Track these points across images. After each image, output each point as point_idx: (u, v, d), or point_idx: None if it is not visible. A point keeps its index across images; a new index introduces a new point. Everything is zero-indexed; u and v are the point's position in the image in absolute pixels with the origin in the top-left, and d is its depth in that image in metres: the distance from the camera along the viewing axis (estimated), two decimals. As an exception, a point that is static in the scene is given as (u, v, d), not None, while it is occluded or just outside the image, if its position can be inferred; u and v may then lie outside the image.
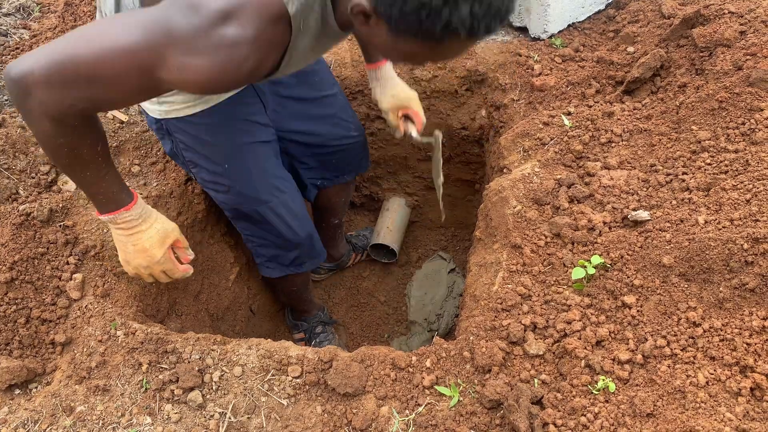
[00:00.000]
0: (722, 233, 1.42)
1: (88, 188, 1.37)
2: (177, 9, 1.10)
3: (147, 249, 1.49)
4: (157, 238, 1.50)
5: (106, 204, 1.40)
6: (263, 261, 2.09)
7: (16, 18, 2.55)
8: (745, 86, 1.71)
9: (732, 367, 1.27)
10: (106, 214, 1.42)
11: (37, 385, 1.54)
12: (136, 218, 1.45)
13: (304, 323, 2.60)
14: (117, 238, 1.49)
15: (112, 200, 1.40)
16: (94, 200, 1.40)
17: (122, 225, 1.45)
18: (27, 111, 1.16)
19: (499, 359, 1.41)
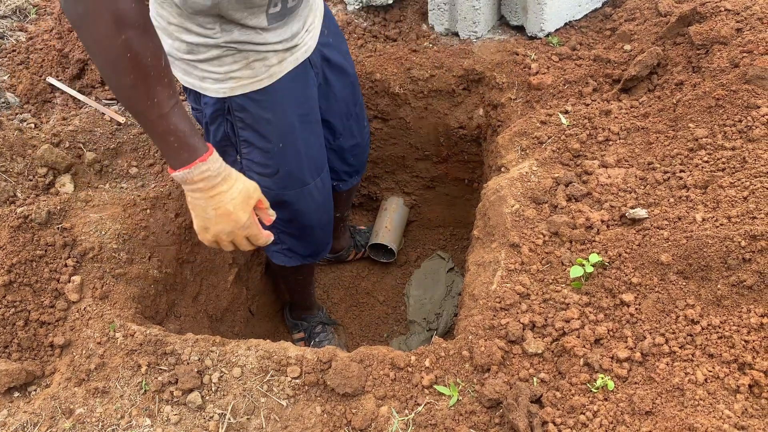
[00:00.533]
0: (720, 231, 1.42)
1: (156, 123, 1.22)
2: None
3: (231, 212, 1.34)
4: (240, 199, 1.36)
5: (178, 151, 1.25)
6: (282, 249, 2.06)
7: (12, 20, 2.55)
8: (741, 83, 1.71)
9: (730, 364, 1.27)
10: (181, 168, 1.27)
11: (36, 388, 1.54)
12: (215, 175, 1.30)
13: (304, 323, 2.60)
14: (194, 202, 1.34)
15: (185, 146, 1.25)
16: (165, 145, 1.25)
17: (200, 184, 1.30)
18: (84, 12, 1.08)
19: (498, 358, 1.41)
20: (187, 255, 2.03)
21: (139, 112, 1.22)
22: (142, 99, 1.19)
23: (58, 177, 1.92)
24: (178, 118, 1.24)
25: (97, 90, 2.19)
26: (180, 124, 1.24)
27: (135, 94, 1.18)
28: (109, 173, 1.99)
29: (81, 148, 1.98)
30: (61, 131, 1.99)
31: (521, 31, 2.44)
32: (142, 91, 1.18)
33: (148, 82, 1.17)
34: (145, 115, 1.22)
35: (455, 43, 2.47)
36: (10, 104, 2.15)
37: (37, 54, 2.32)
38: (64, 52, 2.23)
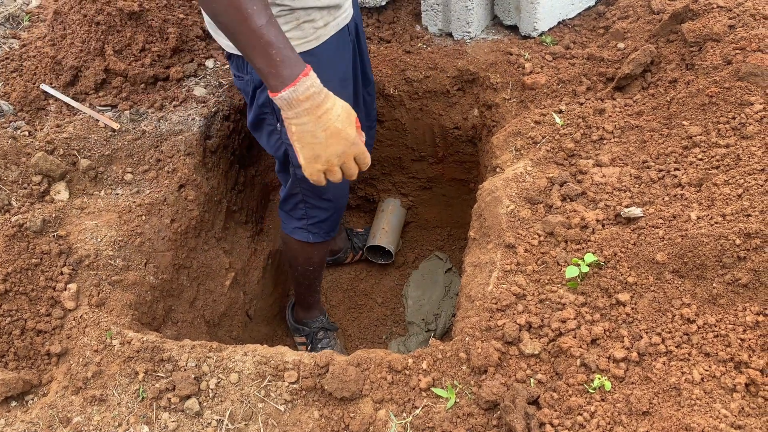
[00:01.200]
0: (714, 229, 1.42)
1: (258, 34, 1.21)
2: None
3: (341, 130, 1.30)
4: (345, 115, 1.32)
5: (280, 67, 1.22)
6: (306, 224, 2.07)
7: (6, 28, 2.54)
8: (734, 80, 1.71)
9: (727, 363, 1.27)
10: (286, 87, 1.23)
11: (33, 397, 1.54)
12: (319, 91, 1.26)
13: (306, 327, 2.59)
14: (302, 128, 1.29)
15: (287, 60, 1.23)
16: (267, 60, 1.22)
17: (306, 104, 1.25)
18: None
19: (495, 360, 1.41)
20: (183, 260, 2.03)
21: (239, 22, 1.20)
22: (240, 9, 1.18)
23: (52, 184, 1.91)
24: (276, 30, 1.23)
25: (90, 96, 2.19)
26: (279, 36, 1.23)
27: (232, 8, 1.18)
28: (104, 180, 1.99)
29: (75, 155, 1.98)
30: (56, 138, 1.99)
31: (515, 30, 2.44)
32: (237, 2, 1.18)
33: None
34: (246, 25, 1.20)
35: (449, 43, 2.47)
36: (4, 112, 2.15)
37: (31, 61, 2.31)
38: (57, 59, 2.23)
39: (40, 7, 2.72)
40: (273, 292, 2.73)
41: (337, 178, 1.38)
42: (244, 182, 2.51)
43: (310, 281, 2.41)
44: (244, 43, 1.23)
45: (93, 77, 2.19)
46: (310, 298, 2.54)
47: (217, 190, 2.25)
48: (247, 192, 2.54)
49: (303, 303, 2.57)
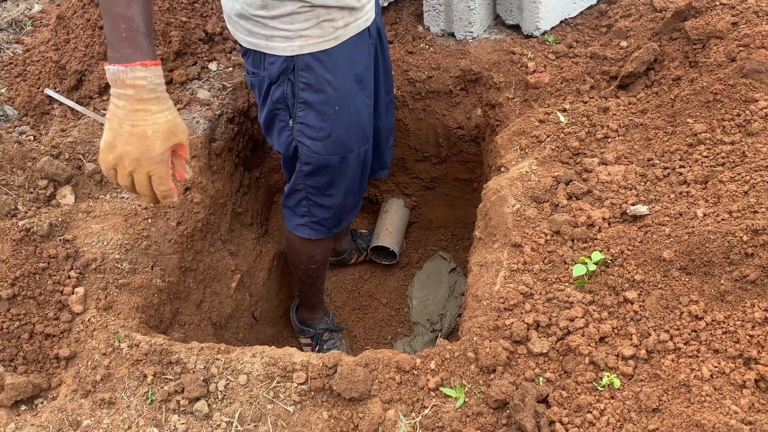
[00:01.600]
0: (721, 226, 1.42)
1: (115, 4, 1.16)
2: None
3: (147, 137, 1.22)
4: (163, 129, 1.24)
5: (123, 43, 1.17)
6: (309, 221, 2.07)
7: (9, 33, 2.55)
8: (739, 77, 1.71)
9: (736, 359, 1.27)
10: (118, 63, 1.18)
11: (42, 401, 1.54)
12: (150, 88, 1.21)
13: (310, 329, 2.59)
14: (114, 111, 1.22)
15: (132, 40, 1.17)
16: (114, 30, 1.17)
17: (129, 91, 1.19)
18: None
19: (504, 359, 1.41)
20: (190, 263, 2.03)
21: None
22: None
23: (58, 189, 1.92)
24: (138, 8, 1.18)
25: (95, 100, 2.19)
26: (138, 15, 1.18)
27: None
28: (109, 183, 1.99)
29: (81, 159, 1.99)
30: (61, 143, 1.99)
31: (517, 30, 2.45)
32: None
33: None
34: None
35: (451, 43, 2.48)
36: (9, 117, 2.15)
37: (35, 66, 2.32)
38: (61, 63, 2.23)
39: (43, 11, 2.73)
40: (279, 293, 2.74)
41: (123, 183, 1.27)
42: (248, 184, 2.52)
43: (314, 280, 2.41)
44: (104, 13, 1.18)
45: (97, 81, 2.20)
46: (313, 299, 2.53)
47: (222, 193, 2.26)
48: (252, 194, 2.55)
49: (307, 303, 2.57)
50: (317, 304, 2.56)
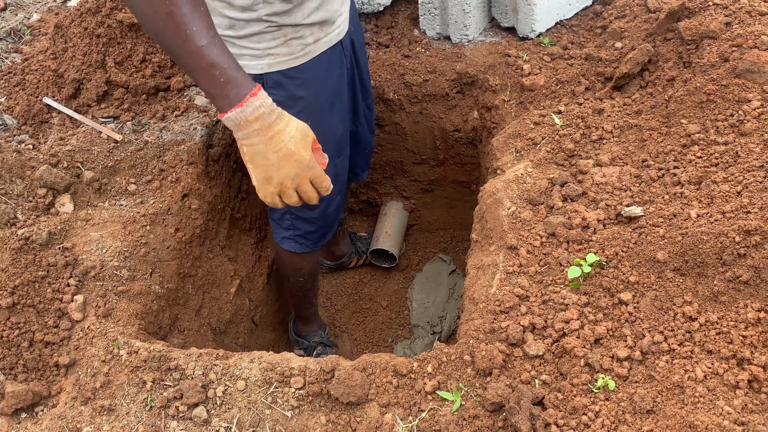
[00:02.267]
0: (714, 226, 1.43)
1: (197, 55, 1.16)
2: None
3: (294, 152, 1.25)
4: (299, 137, 1.27)
5: (225, 87, 1.18)
6: (294, 235, 2.07)
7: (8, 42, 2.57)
8: (732, 78, 1.72)
9: (729, 360, 1.28)
10: (232, 108, 1.19)
11: (43, 408, 1.55)
12: (269, 111, 1.22)
13: (305, 341, 2.60)
14: (253, 149, 1.24)
15: (232, 80, 1.18)
16: (210, 81, 1.18)
17: (256, 125, 1.21)
18: None
19: (500, 361, 1.42)
20: (189, 269, 2.04)
21: (178, 45, 1.16)
22: (180, 29, 1.14)
23: (57, 197, 1.93)
24: (219, 50, 1.18)
25: (93, 108, 2.21)
26: (223, 56, 1.19)
27: (172, 25, 1.13)
28: (107, 191, 2.00)
29: (79, 168, 2.00)
30: (59, 151, 2.01)
31: (512, 32, 2.45)
32: (178, 19, 1.13)
33: (183, 10, 1.13)
34: (184, 47, 1.16)
35: (447, 47, 2.49)
36: (8, 126, 2.17)
37: (33, 75, 2.33)
38: (59, 72, 2.25)
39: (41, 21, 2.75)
40: (278, 298, 2.75)
41: (292, 201, 1.33)
42: (247, 190, 2.53)
43: (304, 293, 2.41)
44: (186, 65, 1.20)
45: (95, 89, 2.21)
46: (305, 311, 2.54)
47: (220, 199, 2.27)
48: (250, 199, 2.56)
49: (300, 316, 2.58)
50: (310, 316, 2.56)
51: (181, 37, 1.15)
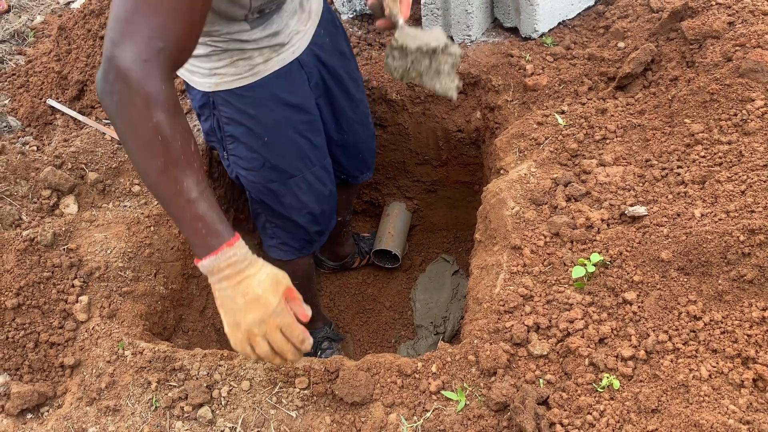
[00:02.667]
0: (719, 226, 1.43)
1: (185, 208, 1.20)
2: None
3: (260, 296, 1.25)
4: (269, 282, 1.28)
5: (206, 238, 1.21)
6: (277, 243, 2.08)
7: (11, 44, 2.58)
8: (735, 77, 1.72)
9: (734, 359, 1.28)
10: (208, 255, 1.22)
11: (48, 409, 1.56)
12: (242, 259, 1.25)
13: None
14: (222, 293, 1.26)
15: (213, 232, 1.22)
16: (192, 231, 1.22)
17: (227, 271, 1.24)
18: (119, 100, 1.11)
19: (504, 361, 1.42)
20: (193, 270, 2.05)
21: (168, 197, 1.20)
22: (171, 183, 1.18)
23: (62, 198, 1.94)
24: (206, 204, 1.21)
25: (96, 110, 2.21)
26: (209, 210, 1.22)
27: (164, 179, 1.17)
28: (112, 192, 2.01)
29: (83, 169, 2.01)
30: (63, 153, 2.01)
31: (515, 32, 2.45)
32: (171, 175, 1.17)
33: (177, 166, 1.17)
34: (174, 200, 1.20)
35: (450, 47, 2.48)
36: (12, 128, 2.18)
37: (37, 77, 2.34)
38: (63, 73, 2.26)
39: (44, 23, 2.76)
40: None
41: (263, 351, 1.29)
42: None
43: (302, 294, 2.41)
44: (174, 214, 1.23)
45: (99, 91, 2.21)
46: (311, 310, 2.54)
47: (224, 199, 2.27)
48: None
49: None
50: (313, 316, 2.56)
51: (173, 190, 1.18)
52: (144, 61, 1.10)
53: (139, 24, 1.11)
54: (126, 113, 1.12)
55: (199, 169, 1.22)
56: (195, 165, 1.20)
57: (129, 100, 1.11)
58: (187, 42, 1.23)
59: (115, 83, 1.10)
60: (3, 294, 1.64)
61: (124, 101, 1.11)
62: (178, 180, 1.17)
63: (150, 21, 1.11)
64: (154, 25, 1.12)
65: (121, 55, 1.10)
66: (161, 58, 1.13)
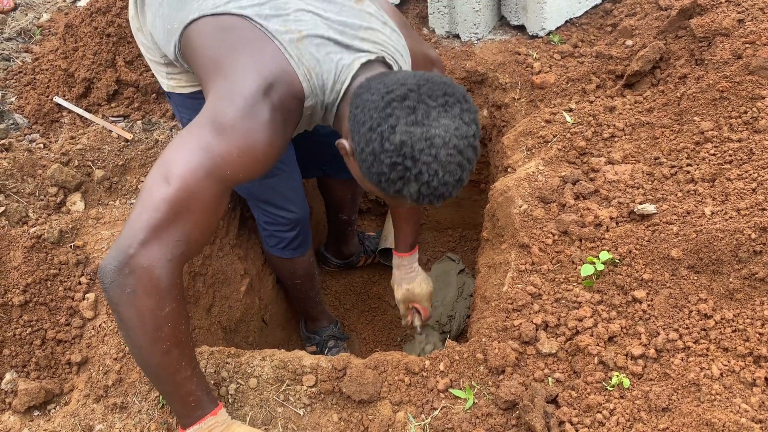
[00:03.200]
0: (729, 224, 1.42)
1: (181, 384, 1.30)
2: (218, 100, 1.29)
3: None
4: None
5: (194, 410, 1.32)
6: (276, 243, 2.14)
7: (18, 42, 2.58)
8: (745, 75, 1.71)
9: (746, 357, 1.27)
10: (192, 425, 1.32)
11: (55, 406, 1.55)
12: (221, 423, 1.35)
13: (316, 336, 2.60)
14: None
15: (200, 404, 1.33)
16: (183, 404, 1.32)
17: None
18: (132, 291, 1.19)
19: (512, 359, 1.41)
20: (199, 268, 2.04)
21: (167, 375, 1.28)
22: (172, 363, 1.27)
23: (68, 195, 1.94)
24: (198, 380, 1.32)
25: (103, 108, 2.21)
26: (199, 385, 1.33)
27: (167, 360, 1.26)
28: (118, 190, 2.01)
29: (90, 166, 2.00)
30: (70, 150, 2.01)
31: (522, 30, 2.45)
32: (173, 355, 1.26)
33: (179, 347, 1.26)
34: (172, 378, 1.29)
35: (456, 45, 2.48)
36: (19, 125, 2.18)
37: (43, 74, 2.34)
38: (69, 71, 2.25)
39: (51, 20, 2.76)
40: (287, 296, 2.74)
41: None
42: (256, 188, 2.53)
43: (304, 294, 2.43)
44: (168, 390, 1.32)
45: (105, 88, 2.21)
46: (311, 310, 2.56)
47: (231, 198, 2.27)
48: (259, 198, 2.56)
49: (308, 315, 2.60)
50: (318, 315, 2.57)
51: (173, 368, 1.28)
52: (168, 260, 1.21)
53: (171, 231, 1.22)
54: (138, 303, 1.20)
55: (193, 347, 1.33)
56: (191, 344, 1.31)
57: (145, 292, 1.20)
58: (204, 242, 1.34)
59: (130, 276, 1.19)
60: (10, 291, 1.64)
61: (140, 293, 1.19)
62: (179, 360, 1.27)
63: (181, 229, 1.23)
64: (183, 232, 1.23)
65: (146, 253, 1.19)
66: (182, 258, 1.25)
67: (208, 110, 1.30)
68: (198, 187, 1.23)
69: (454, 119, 1.17)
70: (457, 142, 1.17)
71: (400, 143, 1.15)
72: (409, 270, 2.16)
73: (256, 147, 1.28)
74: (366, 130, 1.20)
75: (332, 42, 1.38)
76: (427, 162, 1.15)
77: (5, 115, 2.20)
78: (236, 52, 1.37)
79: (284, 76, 1.32)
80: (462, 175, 1.20)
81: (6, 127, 2.14)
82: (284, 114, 1.33)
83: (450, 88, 1.20)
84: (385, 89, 1.20)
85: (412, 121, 1.15)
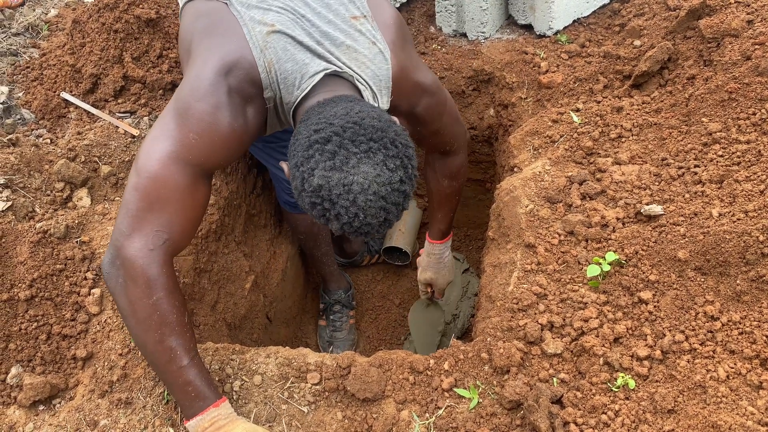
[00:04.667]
0: (737, 225, 1.41)
1: (176, 374, 1.33)
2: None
3: None
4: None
5: (194, 400, 1.34)
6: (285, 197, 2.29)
7: (26, 37, 2.58)
8: (754, 76, 1.70)
9: (752, 360, 1.26)
10: (195, 415, 1.34)
11: (60, 401, 1.56)
12: (224, 417, 1.35)
13: (326, 296, 2.75)
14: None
15: (201, 394, 1.34)
16: (183, 395, 1.34)
17: (210, 428, 1.34)
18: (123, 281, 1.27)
19: (517, 359, 1.41)
20: (204, 264, 2.04)
21: (162, 365, 1.33)
22: (165, 352, 1.32)
23: (75, 191, 1.94)
24: (196, 370, 1.35)
25: (110, 103, 2.21)
26: (198, 375, 1.35)
27: (160, 349, 1.31)
28: (124, 186, 2.01)
29: (96, 162, 2.01)
30: (77, 146, 2.01)
31: (529, 29, 2.44)
32: (166, 345, 1.31)
33: (171, 337, 1.32)
34: (167, 367, 1.33)
35: (464, 44, 2.48)
36: (26, 120, 2.18)
37: (51, 70, 2.34)
38: (77, 67, 2.25)
39: (58, 16, 2.76)
40: (292, 294, 2.75)
41: None
42: (262, 186, 2.53)
43: (310, 251, 2.57)
44: (167, 380, 1.36)
45: (112, 84, 2.21)
46: (322, 269, 2.68)
47: (236, 194, 2.27)
48: (265, 195, 2.56)
49: (321, 274, 2.74)
50: (328, 275, 2.70)
51: (167, 358, 1.32)
52: (150, 250, 1.28)
53: (149, 220, 1.29)
54: (128, 293, 1.29)
55: (191, 338, 1.37)
56: (188, 335, 1.35)
57: (132, 281, 1.28)
58: (189, 232, 1.38)
59: (120, 268, 1.29)
60: (16, 286, 1.64)
61: (128, 283, 1.29)
62: (172, 349, 1.32)
63: (158, 218, 1.29)
64: (162, 221, 1.30)
65: (129, 245, 1.28)
66: (165, 247, 1.30)
67: (174, 96, 1.36)
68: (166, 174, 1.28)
69: (375, 166, 1.16)
70: (377, 188, 1.16)
71: (318, 186, 1.17)
72: (439, 260, 2.20)
73: (213, 129, 1.31)
74: (293, 165, 1.23)
75: (302, 46, 1.40)
76: (345, 206, 1.16)
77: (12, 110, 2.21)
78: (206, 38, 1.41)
79: (243, 62, 1.35)
80: (387, 217, 1.21)
81: (13, 122, 2.14)
82: (243, 97, 1.36)
83: (378, 134, 1.18)
84: (314, 127, 1.20)
85: (330, 166, 1.15)
